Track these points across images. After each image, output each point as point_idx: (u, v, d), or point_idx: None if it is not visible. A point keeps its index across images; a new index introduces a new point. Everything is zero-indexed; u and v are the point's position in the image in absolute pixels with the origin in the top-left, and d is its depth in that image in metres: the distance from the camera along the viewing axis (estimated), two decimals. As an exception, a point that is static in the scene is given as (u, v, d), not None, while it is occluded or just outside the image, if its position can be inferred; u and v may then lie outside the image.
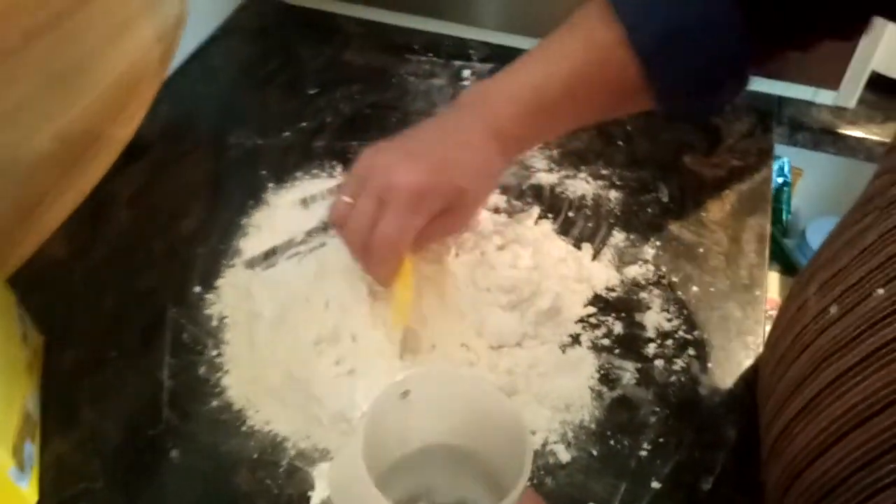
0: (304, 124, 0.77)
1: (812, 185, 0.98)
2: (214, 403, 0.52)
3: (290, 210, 0.66)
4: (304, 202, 0.67)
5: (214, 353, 0.55)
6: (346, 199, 0.51)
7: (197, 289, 0.60)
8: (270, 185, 0.69)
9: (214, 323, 0.57)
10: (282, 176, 0.70)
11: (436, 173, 0.49)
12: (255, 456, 0.50)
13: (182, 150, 0.74)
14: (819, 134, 0.81)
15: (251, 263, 0.61)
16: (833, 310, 0.43)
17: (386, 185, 0.49)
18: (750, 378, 0.56)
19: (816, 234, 0.96)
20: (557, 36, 0.51)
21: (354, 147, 0.74)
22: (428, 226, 0.51)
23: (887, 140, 0.79)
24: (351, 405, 0.50)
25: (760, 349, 0.57)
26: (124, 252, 0.64)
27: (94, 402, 0.53)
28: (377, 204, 0.49)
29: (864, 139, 0.81)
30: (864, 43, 0.75)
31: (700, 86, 0.50)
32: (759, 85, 0.83)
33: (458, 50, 0.89)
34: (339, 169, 0.71)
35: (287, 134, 0.76)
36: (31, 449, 0.47)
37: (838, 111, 0.83)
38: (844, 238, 0.45)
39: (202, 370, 0.54)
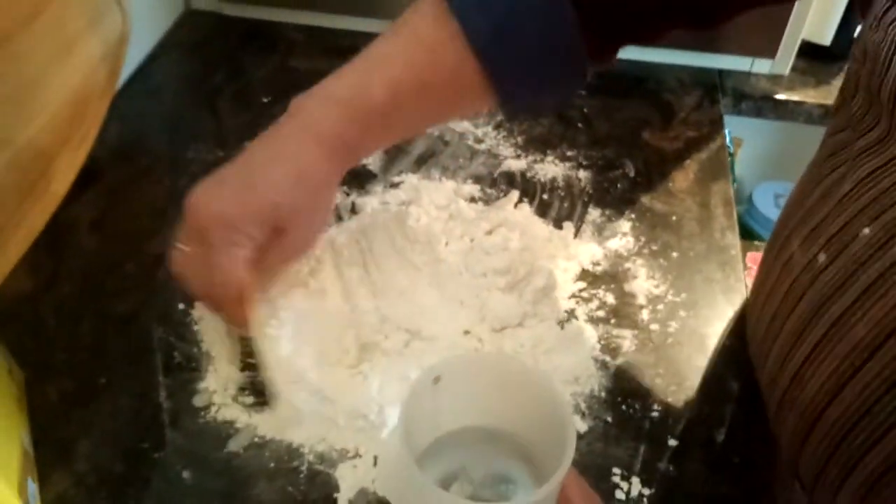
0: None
1: (752, 153, 1.02)
2: (220, 418, 0.50)
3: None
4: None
5: (211, 368, 0.53)
6: (181, 246, 0.47)
7: (181, 306, 0.58)
8: (239, 195, 0.67)
9: (206, 338, 0.55)
10: (250, 186, 0.69)
11: (242, 195, 0.45)
12: (272, 465, 0.48)
13: (139, 170, 0.71)
14: (761, 101, 0.85)
15: None
16: (821, 258, 0.44)
17: (198, 224, 0.45)
18: (740, 331, 0.58)
19: (763, 198, 1.00)
20: (383, 37, 0.48)
21: (319, 151, 0.73)
22: (265, 252, 0.47)
23: (824, 102, 0.84)
24: (366, 401, 0.49)
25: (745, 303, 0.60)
26: (94, 279, 0.61)
27: (88, 434, 0.50)
28: (201, 246, 0.45)
29: (802, 103, 0.85)
30: (795, 12, 0.80)
31: (537, 77, 0.48)
32: (700, 60, 0.87)
33: (407, 49, 0.89)
34: (307, 173, 0.70)
35: (248, 144, 0.74)
36: (34, 487, 0.44)
37: (775, 79, 0.87)
38: (818, 192, 0.47)
39: (201, 386, 0.52)
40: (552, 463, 0.36)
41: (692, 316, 0.59)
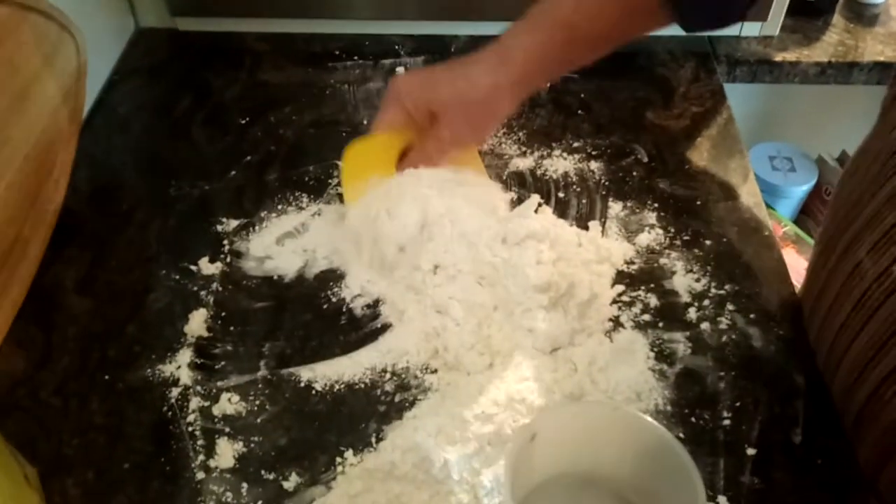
0: (248, 158, 0.70)
1: (738, 114, 1.00)
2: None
3: (267, 253, 0.60)
4: (280, 241, 0.61)
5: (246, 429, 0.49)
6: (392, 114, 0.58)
7: (195, 365, 0.52)
8: (236, 230, 0.62)
9: (235, 398, 0.50)
10: (245, 220, 0.63)
11: (476, 86, 0.56)
12: (336, 538, 0.44)
13: (120, 215, 0.65)
14: (756, 66, 0.83)
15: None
16: None
17: (435, 99, 0.56)
18: (793, 317, 0.55)
19: (759, 161, 0.99)
20: None
21: (313, 172, 0.68)
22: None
23: (820, 60, 0.82)
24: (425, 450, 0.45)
25: (795, 287, 0.58)
26: (93, 347, 0.55)
27: (121, 529, 0.45)
28: (429, 117, 0.57)
29: (797, 63, 0.83)
30: (785, -30, 0.77)
31: None
32: (690, 29, 0.84)
33: (383, 48, 0.83)
34: (305, 199, 0.65)
35: (234, 173, 0.68)
36: None
37: (766, 41, 0.85)
38: (883, 195, 0.44)
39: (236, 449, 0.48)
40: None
41: (741, 309, 0.56)
